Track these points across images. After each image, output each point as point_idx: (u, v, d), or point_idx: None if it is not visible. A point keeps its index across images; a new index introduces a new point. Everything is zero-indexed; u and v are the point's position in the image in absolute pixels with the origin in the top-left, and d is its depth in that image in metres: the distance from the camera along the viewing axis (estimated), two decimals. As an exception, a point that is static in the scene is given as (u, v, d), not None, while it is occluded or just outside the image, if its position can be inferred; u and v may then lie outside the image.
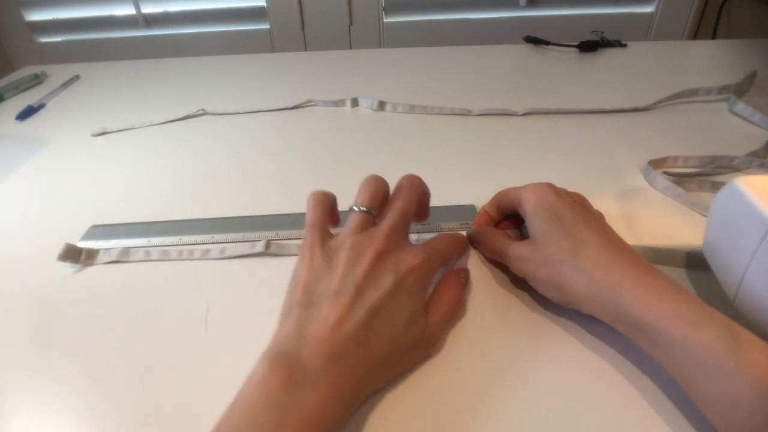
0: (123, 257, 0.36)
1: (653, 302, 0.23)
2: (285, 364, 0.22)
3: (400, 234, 0.28)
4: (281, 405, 0.21)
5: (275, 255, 0.35)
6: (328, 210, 0.29)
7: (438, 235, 0.31)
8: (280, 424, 0.20)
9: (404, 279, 0.26)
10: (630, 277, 0.25)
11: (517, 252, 0.30)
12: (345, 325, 0.23)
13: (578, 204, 0.30)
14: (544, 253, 0.28)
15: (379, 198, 0.29)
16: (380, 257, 0.26)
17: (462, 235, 0.34)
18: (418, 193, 0.30)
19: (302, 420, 0.20)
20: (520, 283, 0.31)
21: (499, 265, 0.33)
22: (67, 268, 0.35)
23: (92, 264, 0.35)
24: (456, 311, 0.29)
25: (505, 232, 0.34)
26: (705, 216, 0.35)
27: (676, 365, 0.23)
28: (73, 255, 0.35)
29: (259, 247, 0.35)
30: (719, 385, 0.21)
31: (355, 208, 0.28)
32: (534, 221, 0.29)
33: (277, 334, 0.24)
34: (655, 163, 0.42)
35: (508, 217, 0.35)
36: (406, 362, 0.26)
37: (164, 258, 0.35)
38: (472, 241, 0.35)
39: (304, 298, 0.25)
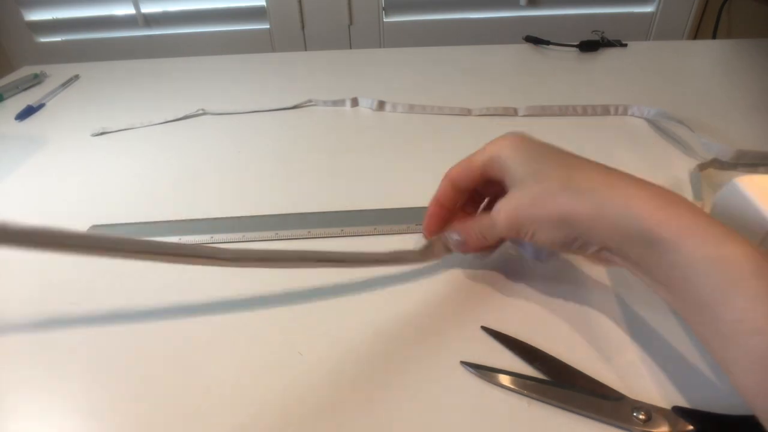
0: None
1: (670, 217, 0.21)
2: None
3: None
4: None
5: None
6: None
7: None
8: None
9: None
10: (639, 193, 0.22)
11: (502, 209, 0.26)
12: None
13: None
14: (535, 191, 0.25)
15: None
16: None
17: None
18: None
19: None
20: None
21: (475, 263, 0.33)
22: (68, 268, 0.35)
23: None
24: None
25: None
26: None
27: (690, 289, 0.20)
28: None
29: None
30: (738, 311, 0.18)
31: None
32: (514, 165, 0.26)
33: None
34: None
35: (465, 202, 0.32)
36: None
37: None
38: (428, 253, 0.31)
39: None
